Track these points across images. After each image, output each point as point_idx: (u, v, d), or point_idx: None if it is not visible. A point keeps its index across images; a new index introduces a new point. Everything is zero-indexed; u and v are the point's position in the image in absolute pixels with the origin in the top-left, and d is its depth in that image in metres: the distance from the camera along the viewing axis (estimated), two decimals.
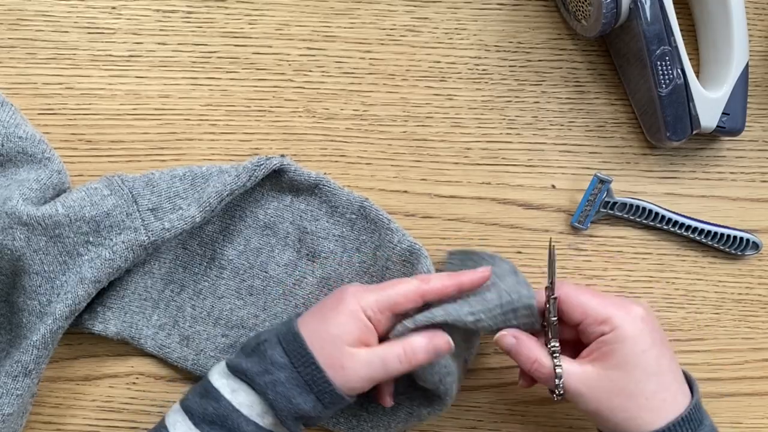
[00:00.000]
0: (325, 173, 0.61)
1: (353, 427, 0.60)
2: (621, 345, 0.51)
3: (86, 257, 0.54)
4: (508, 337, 0.53)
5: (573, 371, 0.52)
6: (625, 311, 0.51)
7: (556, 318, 0.53)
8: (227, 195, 0.56)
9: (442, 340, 0.52)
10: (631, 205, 0.63)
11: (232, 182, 0.56)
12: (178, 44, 0.62)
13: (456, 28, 0.64)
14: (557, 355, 0.52)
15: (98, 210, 0.55)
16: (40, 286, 0.54)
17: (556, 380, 0.51)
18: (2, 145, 0.57)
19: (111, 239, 0.55)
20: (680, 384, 0.52)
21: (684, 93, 0.60)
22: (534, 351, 0.52)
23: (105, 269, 0.54)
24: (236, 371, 0.53)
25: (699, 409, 0.52)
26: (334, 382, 0.51)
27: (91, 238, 0.55)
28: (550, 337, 0.53)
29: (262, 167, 0.57)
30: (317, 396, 0.52)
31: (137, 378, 0.61)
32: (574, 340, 0.54)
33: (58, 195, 0.57)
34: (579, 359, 0.53)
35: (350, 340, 0.52)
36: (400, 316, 0.54)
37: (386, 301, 0.53)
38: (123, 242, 0.55)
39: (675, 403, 0.51)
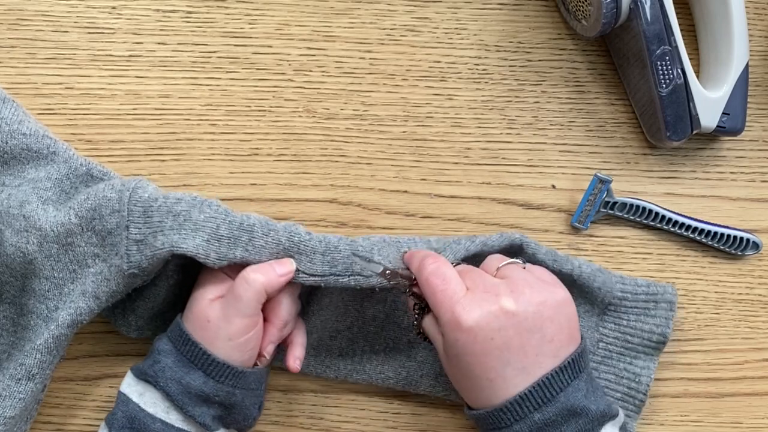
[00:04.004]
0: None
1: (402, 379, 0.61)
2: (443, 343, 0.51)
3: (92, 269, 0.54)
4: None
5: (430, 330, 0.53)
6: (450, 316, 0.49)
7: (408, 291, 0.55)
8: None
9: (284, 260, 0.54)
10: (631, 205, 0.63)
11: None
12: (178, 44, 0.62)
13: (456, 28, 0.64)
14: (420, 309, 0.54)
15: (104, 226, 0.54)
16: (48, 291, 0.54)
17: (415, 329, 0.55)
18: (6, 143, 0.57)
19: (111, 258, 0.54)
20: (511, 378, 0.49)
21: (684, 93, 0.60)
22: (410, 301, 0.55)
23: (103, 287, 0.54)
24: (138, 373, 0.54)
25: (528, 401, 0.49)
26: (214, 350, 0.52)
27: (98, 251, 0.54)
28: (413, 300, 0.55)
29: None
30: (204, 370, 0.52)
31: None
32: None
33: (78, 180, 0.57)
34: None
35: (210, 295, 0.53)
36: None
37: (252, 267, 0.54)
38: (116, 265, 0.54)
39: (492, 394, 0.50)
